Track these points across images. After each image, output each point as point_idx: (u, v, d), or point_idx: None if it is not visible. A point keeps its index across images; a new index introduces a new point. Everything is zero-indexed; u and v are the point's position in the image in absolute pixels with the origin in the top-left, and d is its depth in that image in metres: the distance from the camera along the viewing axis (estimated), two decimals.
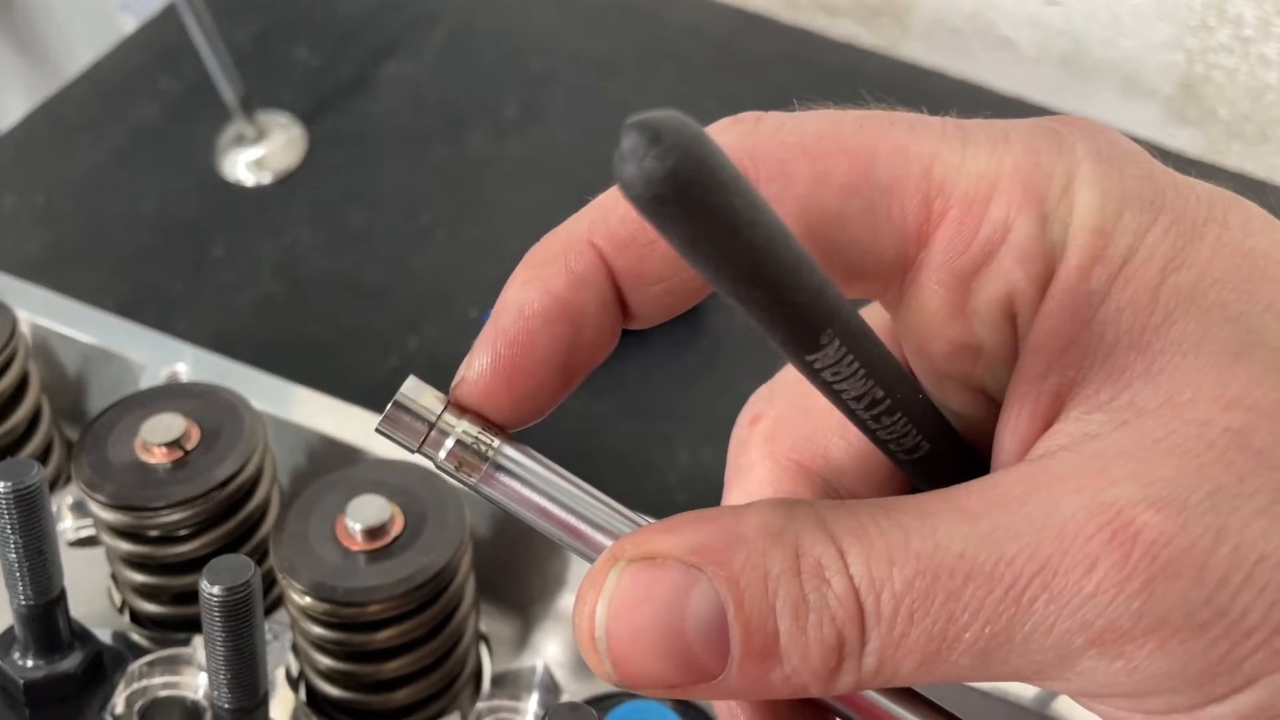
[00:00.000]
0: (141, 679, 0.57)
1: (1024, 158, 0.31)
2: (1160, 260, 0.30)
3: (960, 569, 0.27)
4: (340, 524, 0.55)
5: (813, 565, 0.28)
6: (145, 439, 0.56)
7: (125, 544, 0.57)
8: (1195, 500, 0.27)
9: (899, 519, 0.28)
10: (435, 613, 0.55)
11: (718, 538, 0.29)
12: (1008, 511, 0.28)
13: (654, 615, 0.28)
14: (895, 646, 0.28)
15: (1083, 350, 0.30)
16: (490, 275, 0.89)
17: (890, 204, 0.31)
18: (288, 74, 1.01)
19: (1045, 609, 0.27)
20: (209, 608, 0.47)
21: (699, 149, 0.24)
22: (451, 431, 0.32)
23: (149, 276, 0.89)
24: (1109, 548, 0.27)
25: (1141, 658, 0.27)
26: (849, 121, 0.32)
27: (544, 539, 0.58)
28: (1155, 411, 0.28)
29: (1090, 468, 0.28)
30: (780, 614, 0.28)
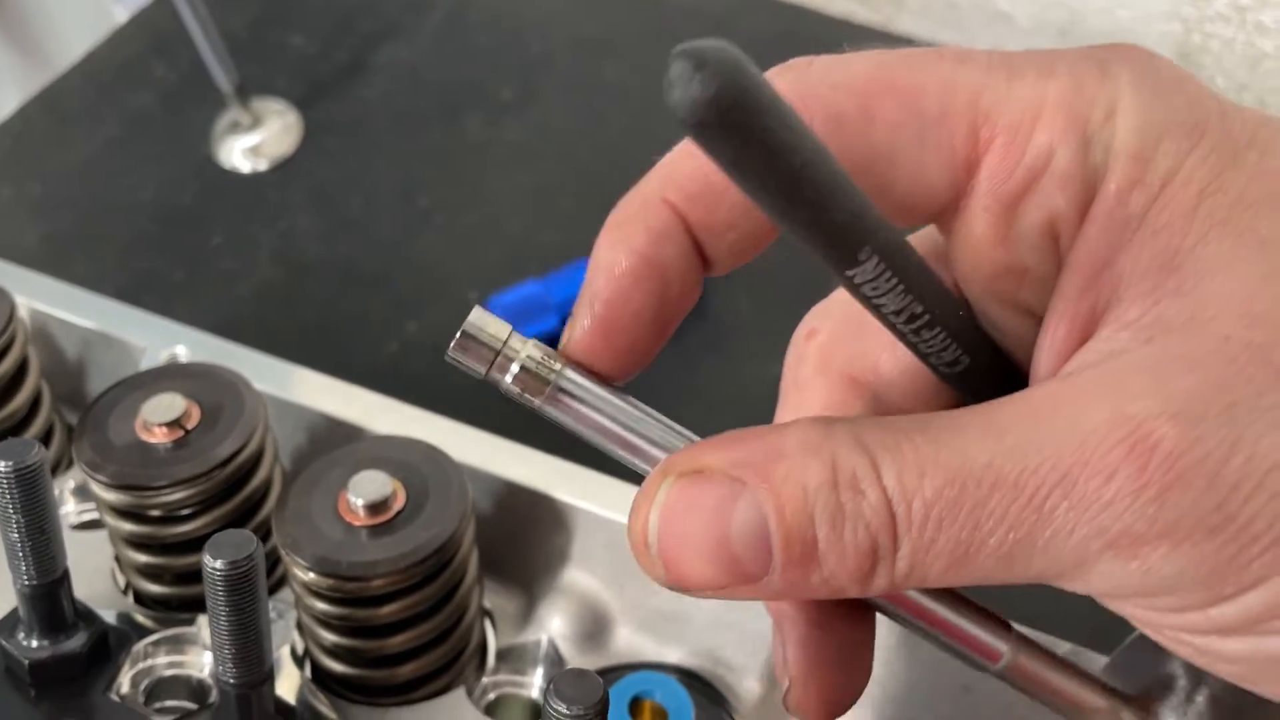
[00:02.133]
0: (146, 659, 0.57)
1: (1068, 86, 0.32)
2: (1198, 184, 0.31)
3: (986, 478, 0.29)
4: (342, 500, 0.54)
5: (848, 477, 0.30)
6: (146, 419, 0.56)
7: (127, 524, 0.57)
8: (1212, 413, 0.29)
9: (932, 433, 0.30)
10: (438, 587, 0.55)
11: (760, 453, 0.31)
12: (1034, 424, 0.30)
13: (701, 523, 0.31)
14: (925, 551, 0.30)
15: (1118, 271, 0.31)
16: (489, 259, 0.90)
17: (939, 136, 0.33)
18: (283, 60, 1.01)
19: (1065, 515, 0.29)
20: (212, 582, 0.47)
21: (740, 76, 0.26)
22: (516, 357, 0.35)
23: (147, 265, 0.89)
24: (1127, 458, 0.29)
25: (1155, 560, 0.29)
26: (896, 60, 0.34)
27: (547, 514, 0.58)
28: (1181, 328, 0.30)
29: (1114, 383, 0.30)
30: (818, 522, 0.30)
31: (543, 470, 0.61)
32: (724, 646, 0.59)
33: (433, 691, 0.58)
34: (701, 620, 0.59)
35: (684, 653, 0.60)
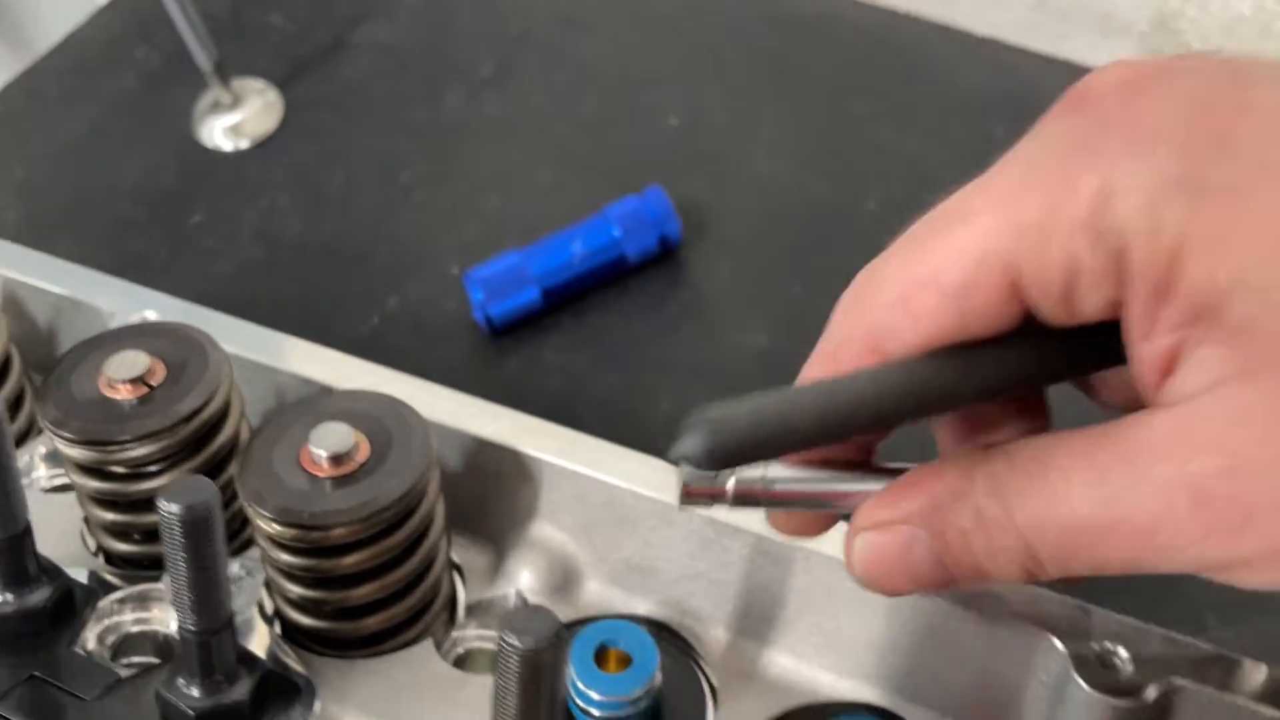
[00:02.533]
0: (112, 615, 0.57)
1: (1050, 197, 0.36)
2: (1207, 244, 0.34)
3: (1091, 528, 0.36)
4: (305, 452, 0.55)
5: (993, 521, 0.38)
6: (110, 376, 0.56)
7: (93, 481, 0.57)
8: (1263, 467, 0.33)
9: (1047, 475, 0.37)
10: (403, 537, 0.55)
11: (923, 504, 0.40)
12: (1121, 475, 0.36)
13: (892, 563, 0.40)
14: (1067, 564, 0.38)
15: (1170, 324, 0.35)
16: (469, 235, 0.90)
17: (980, 303, 0.39)
18: (263, 40, 1.01)
19: (1158, 555, 0.36)
20: (169, 527, 0.47)
21: (725, 441, 0.38)
22: (729, 478, 0.43)
23: (130, 245, 0.89)
24: (1191, 514, 0.34)
25: (1244, 579, 0.36)
26: (915, 257, 0.40)
27: (515, 469, 0.58)
28: (1236, 378, 0.34)
29: (1180, 434, 0.35)
30: (978, 554, 0.39)
31: (510, 425, 0.61)
32: (692, 596, 0.59)
33: (400, 644, 0.58)
34: (669, 572, 0.59)
35: (652, 604, 0.60)
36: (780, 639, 0.58)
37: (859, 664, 0.57)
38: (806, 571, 0.56)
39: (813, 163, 0.93)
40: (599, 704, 0.55)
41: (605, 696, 0.55)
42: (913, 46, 1.01)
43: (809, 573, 0.56)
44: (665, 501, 0.58)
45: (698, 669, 0.59)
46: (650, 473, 0.59)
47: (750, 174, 0.93)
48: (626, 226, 0.85)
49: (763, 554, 0.57)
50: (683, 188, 0.89)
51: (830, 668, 0.58)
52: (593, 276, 0.85)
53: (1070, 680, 0.51)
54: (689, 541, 0.58)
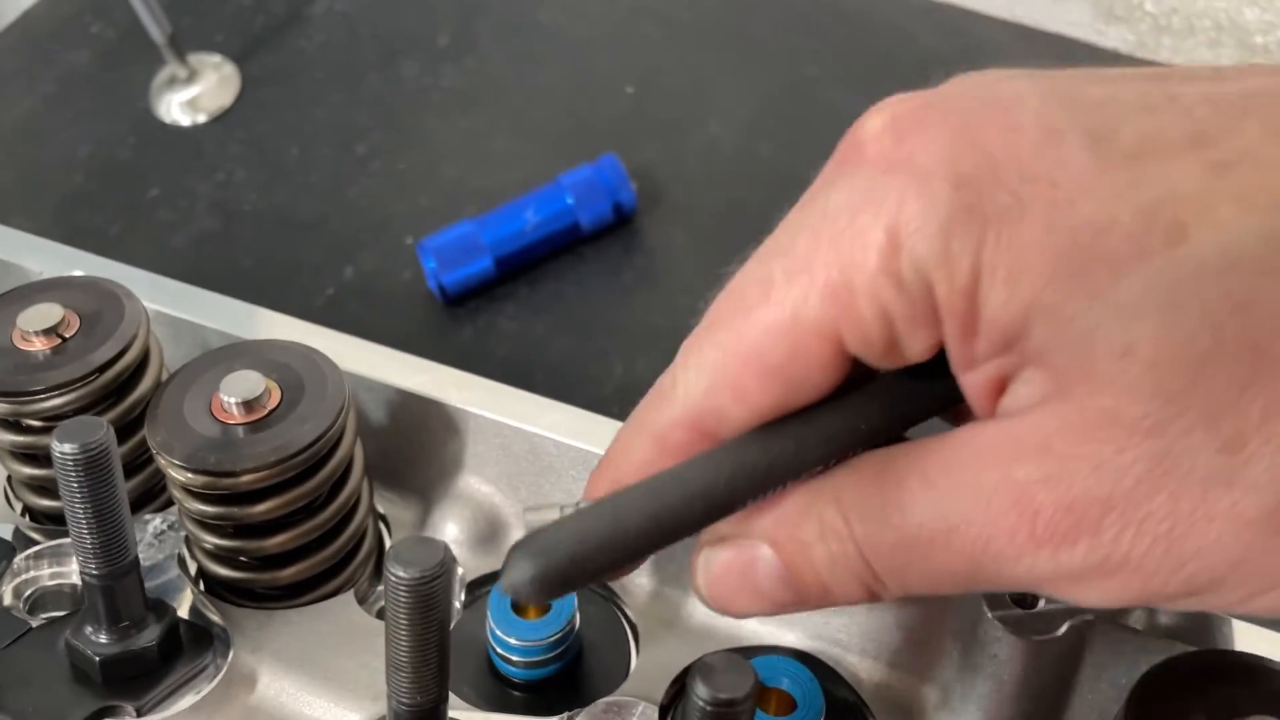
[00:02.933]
0: (28, 570, 0.57)
1: (838, 256, 0.36)
2: (1001, 274, 0.34)
3: (922, 537, 0.35)
4: (216, 400, 0.54)
5: (834, 535, 0.37)
6: (22, 328, 0.56)
7: (9, 435, 0.57)
8: (1084, 475, 0.33)
9: (884, 486, 0.36)
10: (316, 484, 0.55)
11: (766, 517, 0.38)
12: (951, 482, 0.35)
13: (736, 578, 0.39)
14: (904, 581, 0.37)
15: (984, 354, 0.35)
16: (425, 203, 0.89)
17: (796, 371, 0.37)
18: (219, 14, 1.01)
19: (993, 564, 0.35)
20: (64, 468, 0.47)
21: (544, 572, 0.37)
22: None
23: (85, 220, 0.89)
24: (1020, 522, 0.34)
25: (1089, 592, 0.34)
26: (717, 349, 0.38)
27: (439, 420, 0.58)
28: (1054, 395, 0.34)
29: (1007, 442, 0.34)
30: (820, 570, 0.38)
31: (434, 377, 0.61)
32: None
33: (324, 596, 0.57)
34: None
35: None
36: None
37: None
38: None
39: (765, 128, 0.92)
40: (517, 649, 0.55)
41: (523, 641, 0.54)
42: (864, 10, 1.00)
43: None
44: (588, 450, 0.58)
45: (621, 615, 0.58)
46: (573, 421, 0.59)
47: (704, 140, 0.92)
48: (580, 194, 0.85)
49: None
50: (638, 155, 0.89)
51: None
52: (547, 244, 0.85)
53: (983, 618, 0.50)
54: None
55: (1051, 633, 0.49)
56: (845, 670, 0.55)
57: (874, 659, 0.55)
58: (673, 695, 0.54)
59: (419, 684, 0.45)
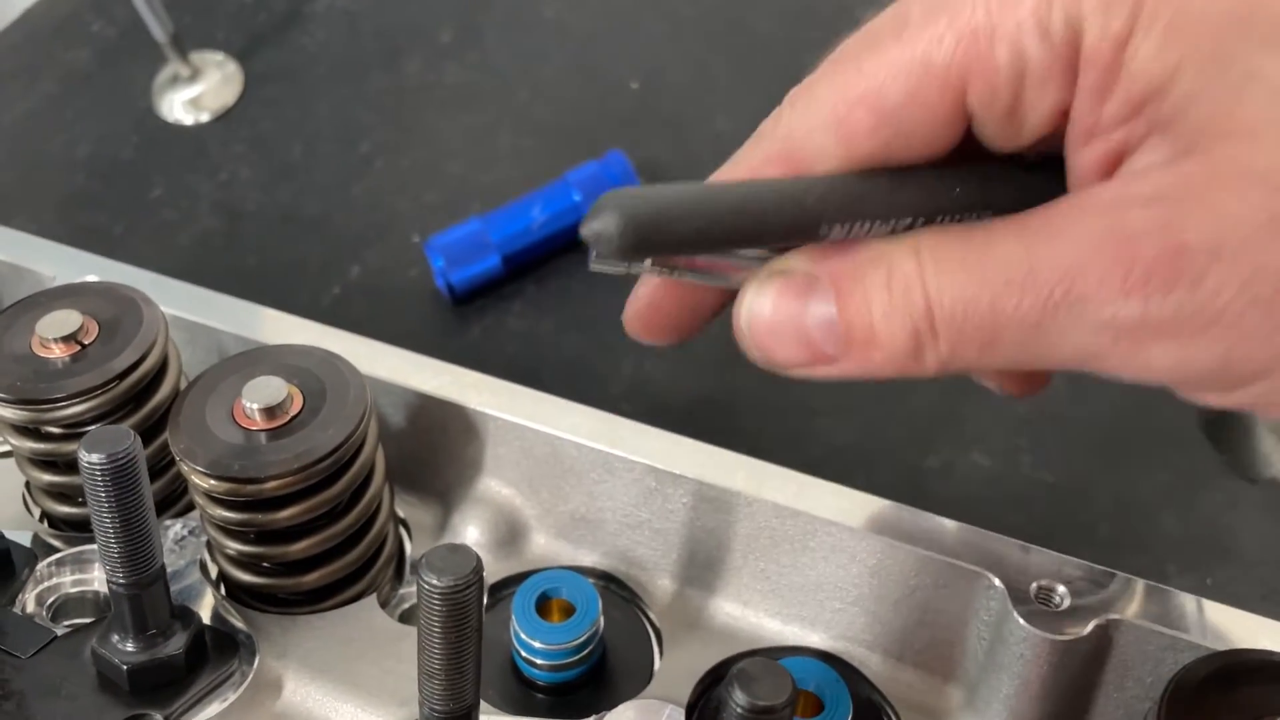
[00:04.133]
0: (51, 577, 0.57)
1: (993, 2, 0.35)
2: (1160, 25, 0.33)
3: (999, 278, 0.34)
4: (238, 406, 0.54)
5: (900, 279, 0.36)
6: (41, 335, 0.56)
7: (29, 442, 0.57)
8: (1198, 222, 0.32)
9: (974, 239, 0.35)
10: (339, 490, 0.54)
11: (833, 254, 0.37)
12: (1049, 228, 0.34)
13: (783, 313, 0.38)
14: (959, 338, 0.35)
15: (1115, 118, 0.35)
16: (430, 201, 0.89)
17: (925, 110, 0.37)
18: (221, 12, 1.01)
19: (1067, 312, 0.34)
20: (91, 478, 0.47)
21: (636, 221, 0.34)
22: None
23: (88, 219, 0.89)
24: (1115, 263, 0.33)
25: (1156, 355, 0.33)
26: (852, 74, 0.38)
27: (459, 424, 0.58)
28: (1184, 153, 0.33)
29: (1119, 194, 0.34)
30: (874, 315, 0.36)
31: (454, 380, 0.61)
32: (636, 546, 0.59)
33: (346, 601, 0.57)
34: (614, 523, 0.59)
35: (598, 555, 0.60)
36: (725, 586, 0.58)
37: (803, 608, 0.57)
38: (749, 518, 0.56)
39: None
40: (542, 652, 0.55)
41: (547, 645, 0.55)
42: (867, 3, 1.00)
43: (751, 519, 0.56)
44: (608, 452, 0.58)
45: (644, 618, 0.58)
46: (593, 424, 0.59)
47: (709, 135, 0.92)
48: (587, 191, 0.85)
49: (704, 501, 0.56)
50: (643, 151, 0.89)
51: (775, 613, 0.57)
52: (554, 242, 0.85)
53: (1009, 617, 0.50)
54: (632, 491, 0.58)
55: (1078, 632, 0.49)
56: (870, 671, 0.55)
57: (898, 659, 0.55)
58: (698, 694, 0.54)
59: (452, 691, 0.45)
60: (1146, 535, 0.70)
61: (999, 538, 0.53)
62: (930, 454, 0.73)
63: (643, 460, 0.57)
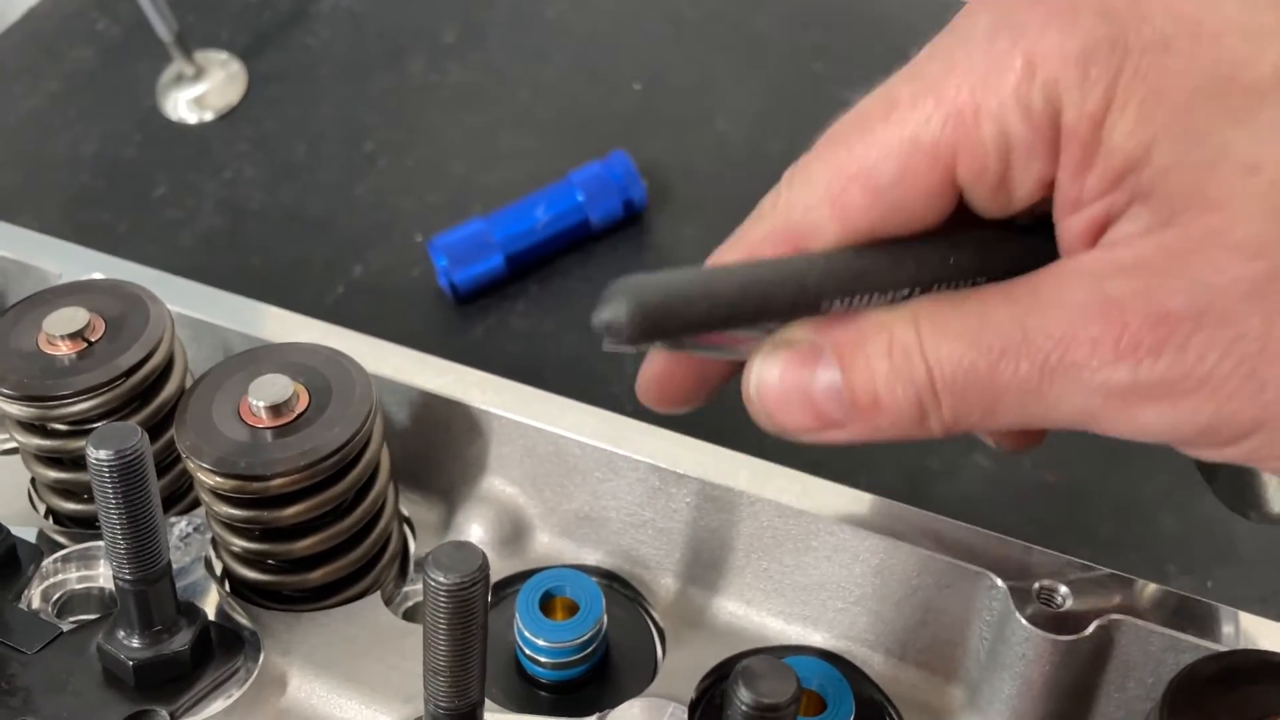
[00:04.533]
0: (57, 574, 0.57)
1: (977, 71, 0.37)
2: (1135, 101, 0.35)
3: (996, 346, 0.36)
4: (244, 404, 0.54)
5: (901, 347, 0.37)
6: (48, 332, 0.56)
7: (36, 439, 0.57)
8: (1179, 292, 0.34)
9: (964, 305, 0.37)
10: (345, 487, 0.55)
11: (836, 324, 0.38)
12: (1036, 298, 0.36)
13: (790, 382, 0.39)
14: (960, 403, 0.37)
15: (1096, 191, 0.36)
16: (434, 201, 0.89)
17: (912, 190, 0.39)
18: (225, 11, 1.01)
19: (1062, 377, 0.35)
20: (99, 474, 0.47)
21: (647, 302, 0.36)
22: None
23: (92, 217, 0.89)
24: (1105, 331, 0.34)
25: (1148, 416, 0.35)
26: (843, 156, 0.39)
27: (463, 422, 0.58)
28: (1164, 224, 0.35)
29: (1103, 263, 0.35)
30: (878, 383, 0.38)
31: (458, 379, 0.61)
32: (639, 545, 0.59)
33: (350, 598, 0.58)
34: (617, 522, 0.59)
35: (602, 554, 0.60)
36: (728, 585, 0.58)
37: (806, 608, 0.57)
38: (752, 517, 0.56)
39: (774, 124, 0.92)
40: (545, 650, 0.55)
41: (551, 643, 0.55)
42: (871, 5, 1.00)
43: (755, 518, 0.56)
44: (612, 451, 0.58)
45: (647, 617, 0.59)
46: (597, 423, 0.59)
47: (713, 137, 0.92)
48: (590, 191, 0.85)
49: (708, 500, 0.56)
50: (647, 151, 0.89)
51: (778, 612, 0.57)
52: (557, 242, 0.85)
53: (1011, 617, 0.50)
54: (635, 490, 0.58)
55: (1080, 632, 0.49)
56: (873, 671, 0.56)
57: (900, 659, 0.56)
58: (701, 692, 0.54)
59: (457, 688, 0.45)
60: (1147, 536, 0.71)
61: (1001, 538, 0.53)
62: (932, 455, 0.74)
63: (646, 459, 0.57)
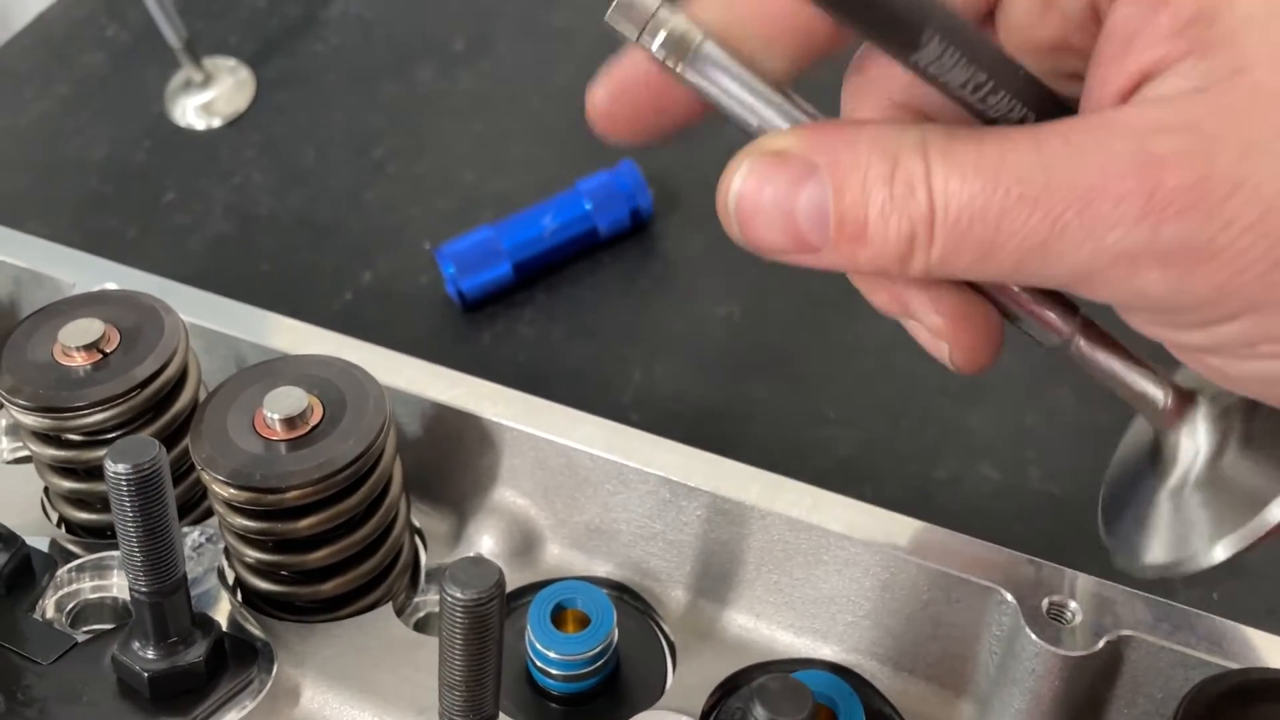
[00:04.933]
0: (71, 583, 0.57)
1: None
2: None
3: (1014, 190, 0.34)
4: (259, 416, 0.55)
5: (905, 175, 0.35)
6: (64, 343, 0.56)
7: (50, 449, 0.57)
8: (1227, 155, 0.32)
9: (986, 143, 0.35)
10: (359, 500, 0.55)
11: (836, 142, 0.36)
12: (1069, 144, 0.34)
13: (773, 196, 0.36)
14: (955, 245, 0.35)
15: (1160, 28, 0.34)
16: (442, 208, 0.90)
17: None
18: (233, 17, 1.01)
19: (1075, 232, 0.33)
20: (116, 487, 0.47)
21: None
22: (664, 25, 0.38)
23: (101, 223, 0.89)
24: (1138, 188, 0.33)
25: (1151, 280, 0.34)
26: None
27: (475, 434, 0.58)
28: (1224, 79, 0.33)
29: (1150, 119, 0.33)
30: (869, 209, 0.35)
31: (470, 391, 0.61)
32: (650, 558, 0.60)
33: (362, 609, 0.58)
34: (628, 534, 0.60)
35: (612, 566, 0.61)
36: (738, 598, 0.58)
37: (816, 621, 0.57)
38: (763, 531, 0.56)
39: None
40: (556, 663, 0.55)
41: (562, 655, 0.55)
42: None
43: (765, 532, 0.56)
44: (623, 463, 0.58)
45: (657, 629, 0.59)
46: (608, 435, 0.59)
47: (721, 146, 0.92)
48: (598, 200, 0.85)
49: (718, 514, 0.57)
50: (655, 161, 0.89)
51: (788, 625, 0.58)
52: (564, 250, 0.86)
53: (1021, 633, 0.51)
54: (646, 503, 0.58)
55: (1089, 648, 0.50)
56: (882, 684, 0.56)
57: (910, 673, 0.56)
58: (712, 705, 0.55)
59: (472, 703, 0.46)
60: None
61: (1011, 553, 0.53)
62: (938, 465, 0.74)
63: (657, 472, 0.58)
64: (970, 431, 0.75)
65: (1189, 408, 0.43)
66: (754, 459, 0.59)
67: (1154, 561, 0.43)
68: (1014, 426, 0.75)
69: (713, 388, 0.79)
